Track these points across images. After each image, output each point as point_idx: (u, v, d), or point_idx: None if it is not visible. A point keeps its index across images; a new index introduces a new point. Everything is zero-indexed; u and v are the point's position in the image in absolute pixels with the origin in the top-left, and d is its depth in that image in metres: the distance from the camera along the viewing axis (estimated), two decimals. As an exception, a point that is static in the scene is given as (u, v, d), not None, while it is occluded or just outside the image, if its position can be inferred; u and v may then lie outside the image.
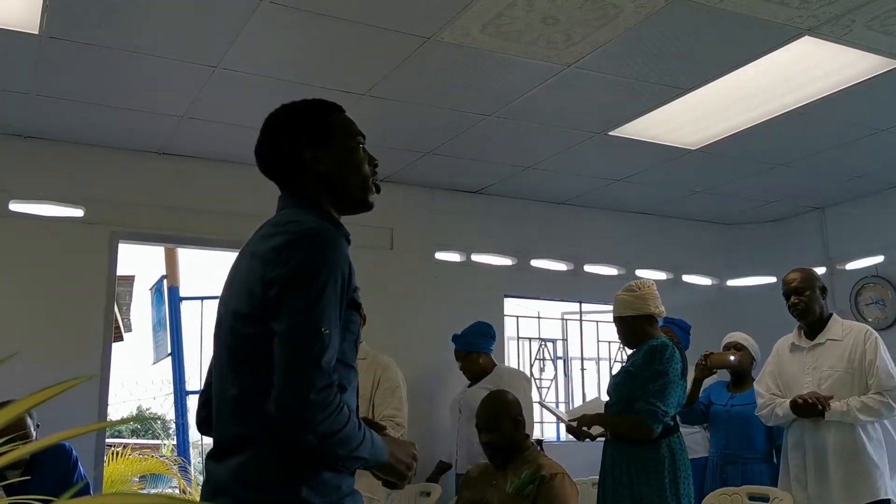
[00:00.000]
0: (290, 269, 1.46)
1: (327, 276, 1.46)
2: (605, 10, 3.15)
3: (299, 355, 1.41)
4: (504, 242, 5.56)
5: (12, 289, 4.32)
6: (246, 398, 1.48)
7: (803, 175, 5.28)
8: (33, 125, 4.36)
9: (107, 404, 4.48)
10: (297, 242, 1.50)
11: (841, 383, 3.36)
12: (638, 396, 3.09)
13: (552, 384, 6.14)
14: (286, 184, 1.71)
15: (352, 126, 1.74)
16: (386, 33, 3.35)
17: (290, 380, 1.40)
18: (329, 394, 1.40)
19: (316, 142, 1.67)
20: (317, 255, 1.48)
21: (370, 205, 1.74)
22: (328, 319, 1.44)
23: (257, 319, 1.48)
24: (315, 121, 1.70)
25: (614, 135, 4.52)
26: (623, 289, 3.38)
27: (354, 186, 1.70)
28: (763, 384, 3.62)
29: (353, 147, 1.71)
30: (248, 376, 1.49)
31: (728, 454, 3.94)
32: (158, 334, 9.41)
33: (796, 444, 3.44)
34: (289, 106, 1.74)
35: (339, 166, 1.67)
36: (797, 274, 3.57)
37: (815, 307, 3.50)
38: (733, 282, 6.42)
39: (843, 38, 3.40)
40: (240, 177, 4.95)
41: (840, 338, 3.46)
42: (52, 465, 3.45)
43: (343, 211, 1.72)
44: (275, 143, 1.71)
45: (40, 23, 3.24)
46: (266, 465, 1.44)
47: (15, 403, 0.83)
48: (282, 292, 1.45)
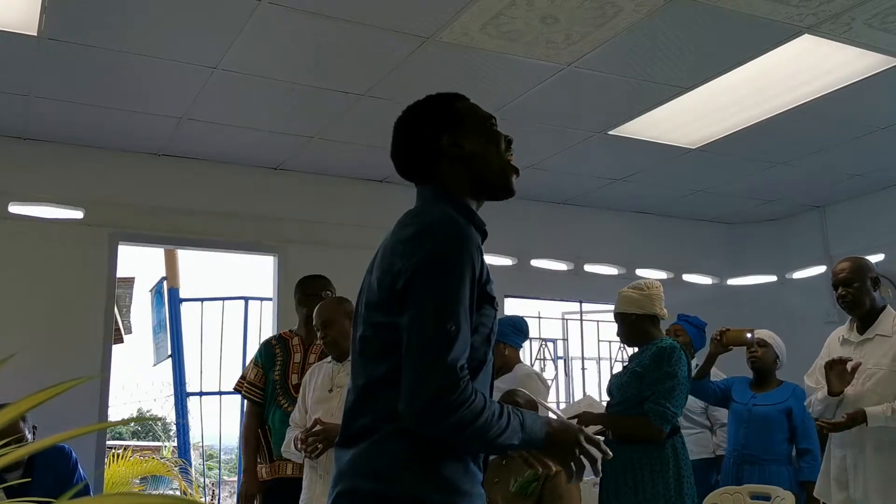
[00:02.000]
0: (417, 261, 1.43)
1: (455, 268, 1.42)
2: (604, 10, 3.15)
3: (424, 354, 1.38)
4: (504, 242, 5.56)
5: (12, 291, 4.32)
6: (372, 388, 1.47)
7: (803, 173, 5.28)
8: (32, 127, 4.35)
9: (107, 406, 4.48)
10: (426, 233, 1.46)
11: (886, 382, 3.15)
12: (646, 397, 3.06)
13: (553, 384, 6.14)
14: (425, 179, 1.67)
15: (480, 110, 1.72)
16: (385, 33, 3.34)
17: (415, 379, 1.38)
18: (454, 392, 1.36)
19: (451, 126, 1.64)
20: (445, 247, 1.44)
21: (512, 188, 1.68)
22: (455, 314, 1.40)
23: (385, 310, 1.46)
24: (445, 108, 1.68)
25: (614, 134, 4.52)
26: (630, 286, 3.34)
27: (496, 167, 1.66)
28: (813, 377, 3.43)
29: (487, 129, 1.68)
30: (374, 366, 1.47)
31: (746, 454, 3.85)
32: (158, 336, 9.39)
33: (840, 443, 3.27)
34: (413, 104, 1.71)
35: (479, 147, 1.64)
36: (847, 263, 3.32)
37: (864, 299, 3.25)
38: (734, 281, 6.42)
39: (842, 35, 3.40)
40: (239, 178, 4.98)
41: (889, 333, 3.22)
42: (52, 467, 3.45)
43: (485, 196, 1.68)
44: (410, 137, 1.68)
45: (39, 24, 3.24)
46: (385, 455, 1.43)
47: (11, 405, 0.83)
48: (408, 285, 1.42)
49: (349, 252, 4.41)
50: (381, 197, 5.15)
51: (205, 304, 7.82)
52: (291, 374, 3.62)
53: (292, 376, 3.61)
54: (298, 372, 3.59)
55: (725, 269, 6.44)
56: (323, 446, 2.90)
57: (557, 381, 6.20)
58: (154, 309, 9.64)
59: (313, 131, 4.44)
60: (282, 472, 3.54)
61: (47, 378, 1.90)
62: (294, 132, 4.46)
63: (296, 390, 3.51)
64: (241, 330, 6.92)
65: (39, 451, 3.32)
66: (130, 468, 6.63)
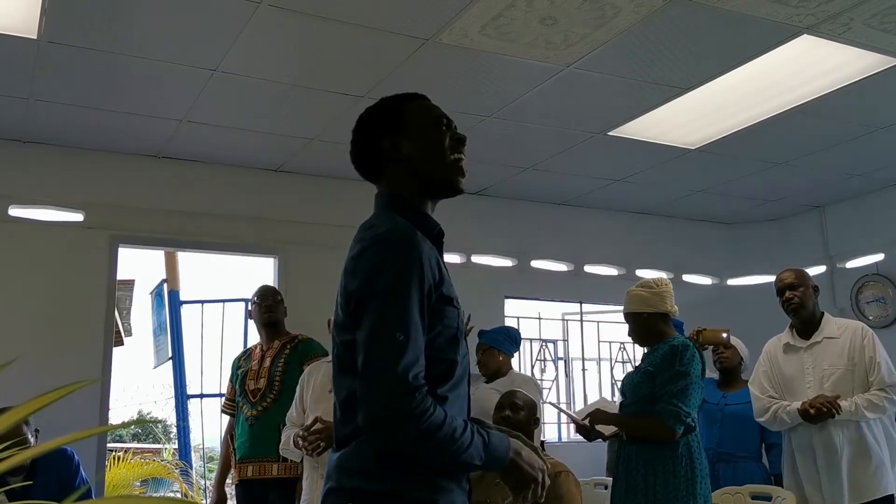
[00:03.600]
0: (363, 280, 1.47)
1: (399, 278, 1.45)
2: (603, 11, 3.15)
3: (375, 365, 1.42)
4: (504, 243, 5.56)
5: (13, 294, 4.32)
6: (350, 400, 1.51)
7: (803, 173, 5.28)
8: (32, 130, 4.36)
9: (108, 409, 4.48)
10: (369, 250, 1.50)
11: (843, 381, 3.36)
12: (659, 397, 3.02)
13: (553, 385, 6.14)
14: (376, 180, 1.70)
15: (431, 110, 1.70)
16: (385, 35, 3.35)
17: (368, 390, 1.42)
18: (410, 400, 1.39)
19: (392, 129, 1.66)
20: (389, 261, 1.47)
21: (458, 187, 1.68)
22: (403, 324, 1.42)
23: (349, 329, 1.50)
24: (390, 110, 1.69)
25: (614, 135, 4.52)
26: (639, 284, 3.29)
27: (437, 168, 1.65)
28: (758, 385, 3.58)
29: (429, 128, 1.67)
30: (349, 380, 1.51)
31: (721, 453, 3.91)
32: (159, 338, 9.39)
33: (803, 447, 3.40)
34: (369, 107, 1.74)
35: (416, 149, 1.64)
36: (790, 272, 3.59)
37: (809, 303, 3.51)
38: (734, 281, 6.42)
39: (841, 36, 3.40)
40: (239, 180, 4.98)
41: (837, 335, 3.45)
42: (55, 470, 3.45)
43: (435, 197, 1.69)
44: (358, 140, 1.72)
45: (39, 27, 3.24)
46: (366, 454, 1.47)
47: (14, 409, 0.83)
48: (358, 303, 1.47)
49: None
50: (381, 198, 5.13)
51: (205, 306, 7.82)
52: (248, 380, 3.84)
53: (249, 382, 3.83)
54: (255, 377, 3.82)
55: (725, 270, 6.44)
56: (325, 444, 2.90)
57: (558, 382, 6.19)
58: (154, 311, 9.63)
59: (313, 133, 4.44)
60: (244, 474, 3.74)
61: (47, 381, 1.90)
62: (294, 134, 4.46)
63: (253, 395, 3.77)
64: (242, 332, 6.92)
65: (42, 455, 3.32)
66: (131, 471, 6.63)
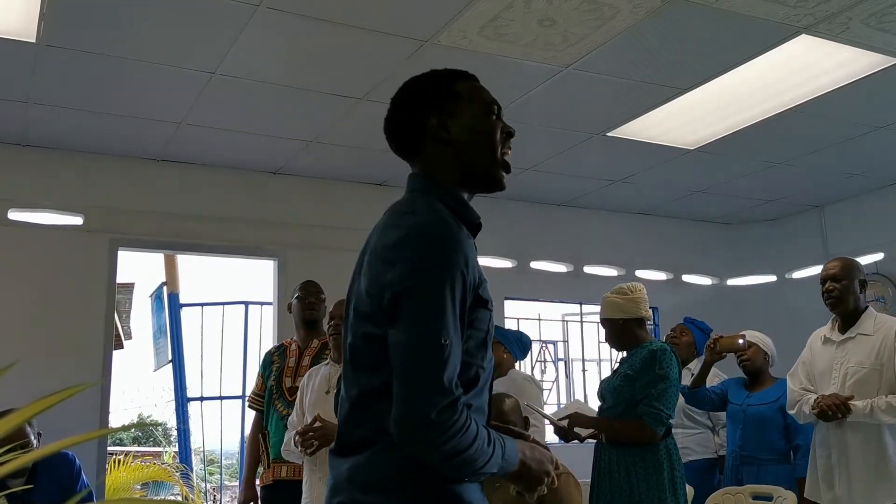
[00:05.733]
0: (403, 273, 1.34)
1: (443, 278, 1.34)
2: (601, 11, 3.15)
3: (418, 372, 1.31)
4: (504, 245, 5.57)
5: (12, 297, 4.31)
6: (364, 399, 1.41)
7: (802, 173, 5.28)
8: (31, 133, 4.36)
9: (108, 412, 4.48)
10: (413, 239, 1.37)
11: (867, 380, 3.21)
12: (639, 400, 3.07)
13: (553, 386, 6.14)
14: (414, 159, 1.58)
15: (483, 94, 1.59)
16: (383, 37, 3.35)
17: (409, 398, 1.30)
18: (451, 413, 1.29)
19: (441, 108, 1.54)
20: (433, 255, 1.35)
21: (502, 183, 1.55)
22: (447, 328, 1.32)
23: (375, 321, 1.38)
24: (441, 87, 1.57)
25: (613, 135, 4.52)
26: (613, 290, 3.33)
27: (482, 159, 1.53)
28: (795, 378, 3.47)
29: (482, 115, 1.55)
30: (367, 378, 1.41)
31: (744, 455, 3.84)
32: (159, 341, 9.39)
33: (823, 443, 3.31)
34: (416, 77, 1.61)
35: (466, 135, 1.52)
36: (838, 262, 3.38)
37: (849, 298, 3.31)
38: (733, 281, 6.42)
39: (840, 35, 3.41)
40: (239, 182, 4.98)
41: (871, 332, 3.27)
42: (56, 474, 3.44)
43: (474, 189, 1.56)
44: (399, 112, 1.58)
45: (37, 31, 3.24)
46: (381, 468, 1.37)
47: (16, 412, 0.83)
48: (396, 299, 1.34)
49: (349, 255, 4.37)
50: (381, 200, 5.07)
51: (205, 308, 7.82)
52: (285, 377, 3.67)
53: (286, 379, 3.66)
54: (293, 375, 3.64)
55: (725, 270, 6.44)
56: (319, 443, 2.90)
57: (558, 383, 6.19)
58: (154, 314, 9.63)
59: (312, 135, 4.44)
60: (278, 475, 3.60)
61: (47, 384, 1.90)
62: (292, 136, 4.46)
63: (290, 393, 3.57)
64: (242, 334, 6.93)
65: (42, 458, 3.32)
66: (132, 474, 6.62)
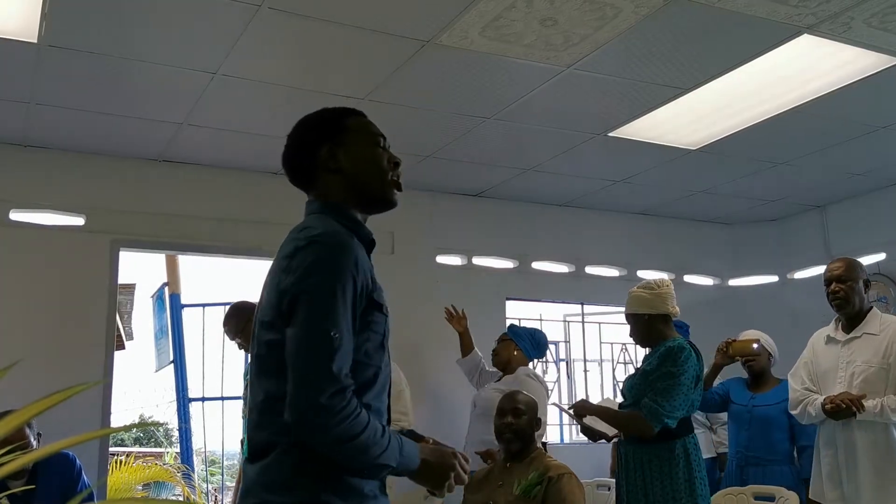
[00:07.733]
0: (297, 277, 1.49)
1: (335, 280, 1.47)
2: (603, 11, 3.15)
3: (308, 360, 1.43)
4: (505, 245, 5.55)
5: (14, 298, 4.31)
6: (269, 403, 1.51)
7: (804, 173, 5.28)
8: (33, 134, 4.36)
9: (110, 412, 4.48)
10: (305, 249, 1.52)
11: (874, 379, 3.20)
12: (645, 394, 3.07)
13: (555, 386, 6.13)
14: (309, 188, 1.74)
15: (370, 127, 1.77)
16: (385, 37, 3.35)
17: (300, 385, 1.42)
18: (341, 399, 1.41)
19: (331, 139, 1.70)
20: (324, 262, 1.50)
21: (392, 201, 1.74)
22: (337, 324, 1.45)
23: (276, 328, 1.51)
24: (331, 122, 1.74)
25: (614, 136, 4.52)
26: (640, 285, 3.28)
27: (372, 183, 1.71)
28: (797, 378, 3.46)
29: (368, 144, 1.73)
30: (270, 382, 1.51)
31: (749, 456, 3.83)
32: (160, 342, 9.40)
33: (828, 442, 3.30)
34: (309, 114, 1.79)
35: (354, 163, 1.69)
36: (841, 263, 3.40)
37: (854, 298, 3.32)
38: (735, 281, 6.42)
39: (842, 35, 3.40)
40: (240, 183, 4.97)
41: (877, 332, 3.27)
42: (56, 474, 3.44)
43: (367, 210, 1.74)
44: (293, 145, 1.76)
45: (39, 31, 3.24)
46: (286, 467, 1.47)
47: (16, 412, 0.82)
48: (292, 300, 1.48)
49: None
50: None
51: (206, 309, 7.83)
52: None
53: None
54: None
55: (726, 270, 6.44)
56: None
57: (559, 384, 6.19)
58: (155, 315, 9.64)
59: (313, 136, 4.43)
60: None
61: (49, 385, 1.89)
62: (294, 137, 4.44)
63: None
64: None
65: (43, 459, 3.32)
66: (133, 474, 6.64)
